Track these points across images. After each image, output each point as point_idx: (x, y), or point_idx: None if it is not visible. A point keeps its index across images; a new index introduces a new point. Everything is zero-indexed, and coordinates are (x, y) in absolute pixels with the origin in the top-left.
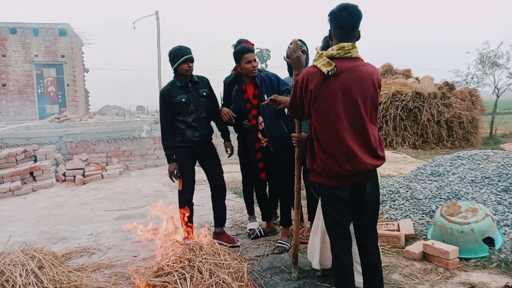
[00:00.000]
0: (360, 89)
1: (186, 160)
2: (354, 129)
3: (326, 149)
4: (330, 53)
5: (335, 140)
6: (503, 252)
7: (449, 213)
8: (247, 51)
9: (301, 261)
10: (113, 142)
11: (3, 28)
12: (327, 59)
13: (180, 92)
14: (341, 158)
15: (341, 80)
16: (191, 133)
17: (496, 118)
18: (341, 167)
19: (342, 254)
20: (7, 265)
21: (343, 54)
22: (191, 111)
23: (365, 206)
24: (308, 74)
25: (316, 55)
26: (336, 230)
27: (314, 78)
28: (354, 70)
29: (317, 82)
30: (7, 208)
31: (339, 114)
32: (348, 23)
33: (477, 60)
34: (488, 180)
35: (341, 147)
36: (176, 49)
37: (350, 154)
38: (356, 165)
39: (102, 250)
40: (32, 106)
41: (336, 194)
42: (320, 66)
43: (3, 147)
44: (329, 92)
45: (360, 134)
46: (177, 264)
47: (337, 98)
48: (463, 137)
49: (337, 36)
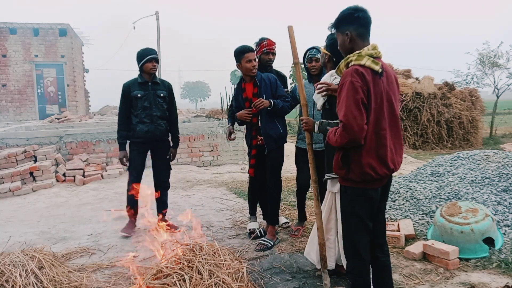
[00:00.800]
0: (393, 88)
1: (135, 153)
2: (391, 128)
3: (372, 150)
4: (370, 52)
5: (380, 139)
6: (503, 252)
7: (449, 213)
8: (248, 51)
9: (301, 261)
10: (113, 142)
11: (3, 28)
12: (371, 58)
13: (138, 88)
14: (387, 158)
15: (382, 79)
16: (141, 128)
17: (496, 118)
18: (387, 166)
19: (366, 255)
20: (7, 265)
21: (378, 54)
22: (145, 108)
23: (384, 204)
24: (361, 73)
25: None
26: (363, 232)
27: (368, 77)
28: (387, 69)
29: (371, 80)
30: (7, 208)
31: (384, 112)
32: (369, 20)
33: (477, 60)
34: (488, 180)
35: (385, 146)
36: (143, 49)
37: (391, 152)
38: (396, 164)
39: (102, 250)
40: (32, 106)
41: (370, 196)
42: (369, 65)
43: (3, 147)
44: (379, 92)
45: (395, 133)
46: (176, 265)
47: (383, 97)
48: (463, 137)
49: (361, 35)
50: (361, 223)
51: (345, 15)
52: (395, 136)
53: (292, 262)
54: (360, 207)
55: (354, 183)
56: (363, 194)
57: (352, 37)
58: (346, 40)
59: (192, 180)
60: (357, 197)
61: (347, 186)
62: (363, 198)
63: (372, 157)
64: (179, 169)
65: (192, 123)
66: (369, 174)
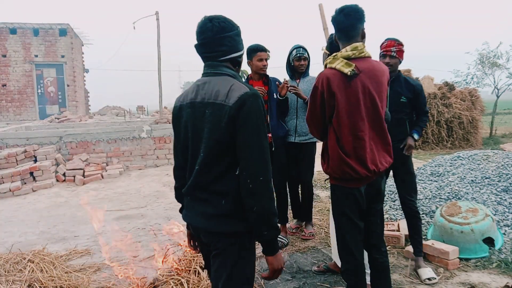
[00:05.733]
0: (377, 88)
1: None
2: (373, 128)
3: (350, 151)
4: (346, 54)
5: (358, 141)
6: (503, 252)
7: (449, 213)
8: (260, 50)
9: (301, 261)
10: (113, 142)
11: (3, 28)
12: (344, 60)
13: None
14: (366, 159)
15: (360, 80)
16: None
17: (496, 118)
18: (367, 168)
19: (359, 254)
20: (7, 265)
21: (358, 54)
22: None
23: (377, 205)
24: (328, 77)
25: (325, 56)
26: (352, 231)
27: (335, 80)
28: (370, 69)
29: (339, 84)
30: (7, 208)
31: (362, 114)
32: (345, 24)
33: (477, 61)
34: (488, 180)
35: (364, 147)
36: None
37: (372, 154)
38: (378, 165)
39: (102, 251)
40: (32, 106)
41: (355, 195)
42: (339, 68)
43: (3, 147)
44: (352, 93)
45: (378, 132)
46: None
47: (359, 98)
48: (463, 137)
49: (340, 39)
50: (351, 222)
51: (331, 18)
52: (378, 137)
53: (292, 262)
54: (347, 206)
55: (337, 181)
56: (347, 193)
57: (336, 39)
58: (335, 41)
59: None
60: (342, 196)
61: (333, 184)
62: (348, 196)
63: (351, 157)
64: None
65: None
66: (348, 173)
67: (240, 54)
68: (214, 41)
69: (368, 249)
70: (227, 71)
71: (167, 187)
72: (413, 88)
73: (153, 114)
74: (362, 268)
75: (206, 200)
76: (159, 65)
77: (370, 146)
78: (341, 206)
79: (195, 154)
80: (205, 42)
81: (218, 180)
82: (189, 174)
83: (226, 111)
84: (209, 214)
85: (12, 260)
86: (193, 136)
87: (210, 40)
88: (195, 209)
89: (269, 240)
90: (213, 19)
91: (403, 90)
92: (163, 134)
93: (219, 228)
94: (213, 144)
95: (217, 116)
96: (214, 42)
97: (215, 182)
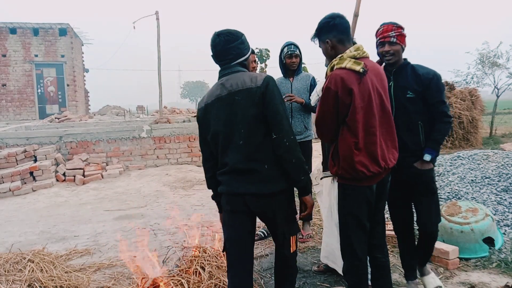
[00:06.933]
0: (382, 85)
1: None
2: (381, 124)
3: (363, 148)
4: (351, 54)
5: (370, 137)
6: (503, 252)
7: (449, 213)
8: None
9: (301, 261)
10: (113, 142)
11: (3, 28)
12: (352, 59)
13: None
14: (377, 155)
15: (369, 77)
16: None
17: (496, 118)
18: (378, 164)
19: (363, 255)
20: (7, 265)
21: (362, 54)
22: None
23: (382, 203)
24: (341, 76)
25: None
26: (358, 231)
27: (349, 78)
28: (374, 67)
29: (353, 82)
30: (7, 208)
31: (373, 111)
32: (346, 25)
33: (477, 60)
34: (488, 180)
35: (375, 143)
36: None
37: (382, 150)
38: (387, 161)
39: (102, 250)
40: (32, 106)
41: (366, 194)
42: (350, 66)
43: (3, 147)
44: (365, 91)
45: (386, 129)
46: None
47: (371, 95)
48: (463, 137)
49: (341, 41)
50: (358, 222)
51: (323, 25)
52: (387, 133)
53: None
54: (356, 207)
55: (346, 181)
56: (358, 192)
57: (333, 44)
58: (328, 48)
59: (192, 179)
60: (352, 196)
61: (342, 184)
62: (358, 196)
63: (363, 154)
64: (179, 169)
65: (192, 123)
66: (361, 171)
67: (246, 58)
68: (222, 52)
69: (371, 248)
70: (241, 69)
71: (167, 187)
72: (420, 78)
73: (153, 114)
74: (365, 269)
75: (251, 170)
76: (159, 65)
77: (380, 142)
78: (348, 206)
79: (229, 137)
80: (216, 54)
81: (258, 149)
82: (222, 156)
83: (257, 91)
84: (256, 179)
85: (12, 260)
86: (226, 121)
87: (220, 51)
88: (241, 181)
89: (305, 184)
90: (220, 34)
91: (408, 83)
92: (163, 134)
93: (269, 189)
94: (250, 119)
95: (250, 97)
96: (223, 53)
97: (256, 151)
